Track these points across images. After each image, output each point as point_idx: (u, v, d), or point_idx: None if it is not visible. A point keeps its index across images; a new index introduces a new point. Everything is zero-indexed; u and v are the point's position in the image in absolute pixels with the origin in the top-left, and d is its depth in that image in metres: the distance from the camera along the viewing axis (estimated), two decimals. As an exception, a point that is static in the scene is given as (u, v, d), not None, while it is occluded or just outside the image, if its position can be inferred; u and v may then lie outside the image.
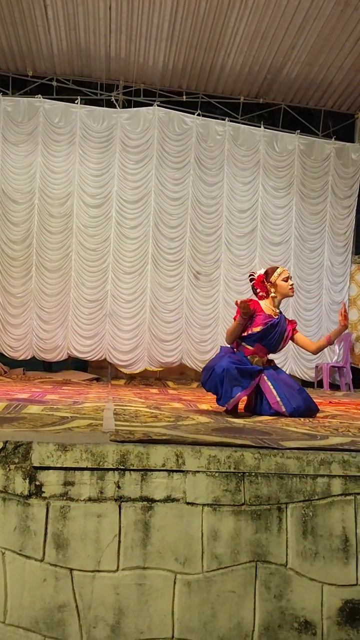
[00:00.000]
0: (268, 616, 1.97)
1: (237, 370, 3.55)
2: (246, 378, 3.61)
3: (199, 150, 8.70)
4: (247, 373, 3.63)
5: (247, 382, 3.60)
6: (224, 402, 3.52)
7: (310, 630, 1.98)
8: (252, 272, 4.18)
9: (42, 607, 1.89)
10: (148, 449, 2.02)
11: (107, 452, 1.99)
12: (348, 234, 9.28)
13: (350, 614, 2.01)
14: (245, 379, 3.59)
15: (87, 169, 8.42)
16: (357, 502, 2.07)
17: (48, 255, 8.31)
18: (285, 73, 8.60)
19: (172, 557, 1.96)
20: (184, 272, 8.67)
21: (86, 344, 8.33)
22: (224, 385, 3.50)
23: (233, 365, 3.56)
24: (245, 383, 3.58)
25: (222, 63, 8.43)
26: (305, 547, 2.02)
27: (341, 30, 7.68)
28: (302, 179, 9.05)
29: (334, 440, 2.41)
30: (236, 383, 3.52)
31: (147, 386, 7.61)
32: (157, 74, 8.70)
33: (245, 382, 3.58)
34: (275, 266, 4.12)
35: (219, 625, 1.94)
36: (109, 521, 1.95)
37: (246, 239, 8.89)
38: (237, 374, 3.54)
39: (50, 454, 1.97)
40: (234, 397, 3.51)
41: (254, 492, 2.03)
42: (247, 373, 3.63)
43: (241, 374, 3.57)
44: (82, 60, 8.47)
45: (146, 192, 8.55)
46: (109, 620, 1.90)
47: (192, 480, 2.01)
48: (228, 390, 3.50)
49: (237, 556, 1.98)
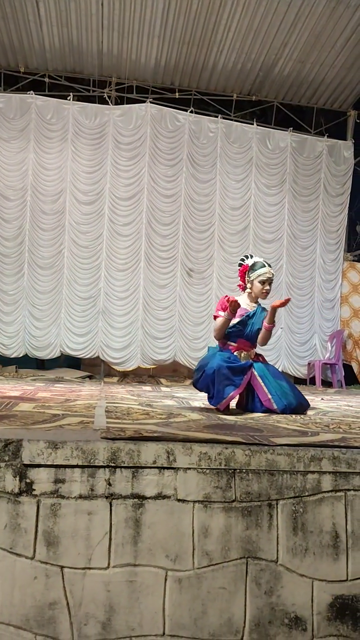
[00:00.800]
0: (258, 612, 1.98)
1: (228, 368, 3.56)
2: (238, 375, 3.61)
3: (191, 147, 8.69)
4: (238, 370, 3.63)
5: (239, 379, 3.61)
6: (217, 402, 3.53)
7: (300, 626, 1.99)
8: (246, 256, 4.15)
9: (33, 604, 1.89)
10: (139, 446, 2.02)
11: (98, 449, 1.99)
12: (340, 231, 9.31)
13: (340, 610, 2.02)
14: (237, 376, 3.60)
15: (80, 166, 8.40)
16: (347, 499, 2.08)
17: (40, 252, 8.28)
18: (278, 70, 8.60)
19: (163, 554, 1.96)
20: (177, 269, 8.67)
21: (79, 341, 8.31)
22: (215, 385, 3.51)
23: (224, 364, 3.57)
24: (237, 380, 3.59)
25: (215, 60, 8.43)
26: (296, 543, 2.03)
27: (333, 28, 7.70)
28: (295, 177, 9.07)
29: (324, 437, 2.42)
30: (228, 382, 3.53)
31: (140, 384, 7.60)
32: (149, 70, 8.68)
33: (237, 379, 3.59)
34: (264, 263, 4.01)
35: (209, 622, 1.95)
36: (99, 518, 1.95)
37: (239, 237, 8.89)
38: (229, 372, 3.55)
39: (40, 451, 1.97)
40: (227, 397, 3.51)
41: (245, 489, 2.04)
42: (239, 370, 3.64)
43: (232, 371, 3.58)
44: (74, 56, 8.44)
45: (139, 189, 8.53)
46: (99, 618, 1.90)
47: (183, 477, 2.01)
48: (220, 390, 3.51)
49: (227, 553, 1.99)
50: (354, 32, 7.76)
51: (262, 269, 3.95)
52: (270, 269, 3.98)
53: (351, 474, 2.10)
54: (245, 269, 4.00)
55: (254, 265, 3.98)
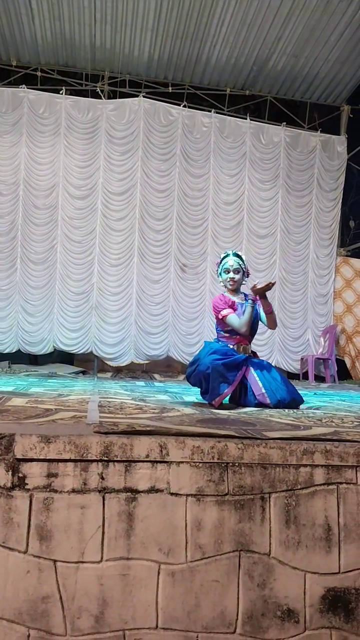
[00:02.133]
0: (251, 605, 1.98)
1: (223, 365, 3.56)
2: (232, 371, 3.61)
3: (185, 142, 8.67)
4: (233, 366, 3.64)
5: (234, 375, 3.61)
6: (211, 398, 3.53)
7: (293, 618, 2.00)
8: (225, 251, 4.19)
9: (26, 598, 1.89)
10: (132, 440, 2.02)
11: (91, 443, 1.98)
12: (333, 226, 9.33)
13: (332, 602, 2.03)
14: (232, 372, 3.60)
15: (72, 160, 8.37)
16: (339, 492, 2.09)
17: (33, 247, 8.25)
18: (271, 65, 8.59)
19: (156, 547, 1.96)
20: (171, 264, 8.66)
21: (72, 336, 8.30)
22: (210, 381, 3.51)
23: (219, 361, 3.57)
24: (232, 377, 3.59)
25: (208, 54, 8.40)
26: (288, 536, 2.04)
27: (327, 22, 7.69)
28: (288, 172, 9.07)
29: (317, 431, 2.42)
30: (222, 379, 3.53)
31: (134, 379, 7.61)
32: (142, 64, 8.64)
33: (231, 375, 3.59)
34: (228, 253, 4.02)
35: (202, 615, 1.95)
36: (92, 512, 1.95)
37: (232, 232, 8.89)
38: (224, 369, 3.55)
39: (33, 445, 1.96)
40: (221, 394, 3.52)
41: (238, 482, 2.04)
42: (233, 365, 3.64)
43: (227, 368, 3.58)
44: (67, 50, 8.39)
45: (132, 184, 8.51)
46: (93, 611, 1.90)
47: (176, 471, 2.01)
48: (215, 387, 3.50)
49: (220, 546, 1.99)
50: (347, 26, 7.76)
51: (226, 259, 3.97)
52: (233, 258, 3.95)
53: (343, 467, 2.11)
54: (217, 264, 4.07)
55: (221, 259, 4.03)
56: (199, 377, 3.59)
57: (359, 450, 2.12)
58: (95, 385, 5.44)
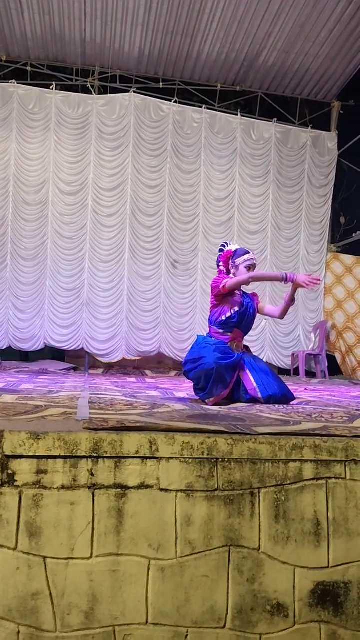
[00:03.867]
0: (241, 599, 1.99)
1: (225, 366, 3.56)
2: (230, 372, 3.62)
3: (175, 137, 8.65)
4: (231, 367, 3.63)
5: (231, 377, 3.63)
6: (206, 397, 3.52)
7: (282, 612, 2.01)
8: (225, 242, 4.13)
9: (16, 595, 1.89)
10: (121, 436, 2.02)
11: (80, 440, 1.98)
12: (324, 222, 9.35)
13: (321, 596, 2.04)
14: (229, 374, 3.61)
15: (63, 156, 8.33)
16: (328, 486, 2.10)
17: (23, 243, 8.21)
18: (262, 61, 8.58)
19: (145, 543, 1.96)
20: (162, 260, 8.65)
21: (63, 333, 8.27)
22: (210, 382, 3.49)
23: (222, 361, 3.56)
24: (230, 378, 3.61)
25: (199, 50, 8.38)
26: (278, 531, 2.05)
27: (317, 18, 7.69)
28: (279, 168, 9.08)
29: (306, 426, 2.43)
30: (221, 382, 3.54)
31: (125, 375, 7.60)
32: (133, 60, 8.61)
33: (229, 376, 3.61)
34: (247, 250, 4.01)
35: (192, 610, 1.96)
36: (82, 509, 1.95)
37: (223, 228, 8.89)
38: (225, 370, 3.56)
39: (22, 442, 1.95)
40: (218, 395, 3.52)
41: (227, 478, 2.05)
42: (232, 367, 3.64)
43: (227, 369, 3.58)
44: (57, 45, 8.34)
45: (123, 180, 8.49)
46: (82, 607, 1.90)
47: (166, 467, 2.02)
48: (213, 388, 3.50)
49: (210, 541, 2.00)
50: (337, 22, 7.76)
51: (248, 254, 3.93)
52: (254, 256, 3.98)
53: (332, 462, 2.12)
54: (229, 254, 3.96)
55: (238, 251, 3.96)
56: (200, 375, 3.55)
57: (347, 445, 2.14)
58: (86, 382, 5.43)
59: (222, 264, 4.01)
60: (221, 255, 4.03)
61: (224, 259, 4.00)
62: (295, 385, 5.77)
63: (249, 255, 3.95)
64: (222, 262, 4.01)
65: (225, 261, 3.99)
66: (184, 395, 4.06)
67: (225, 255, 4.00)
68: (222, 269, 4.00)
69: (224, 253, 4.01)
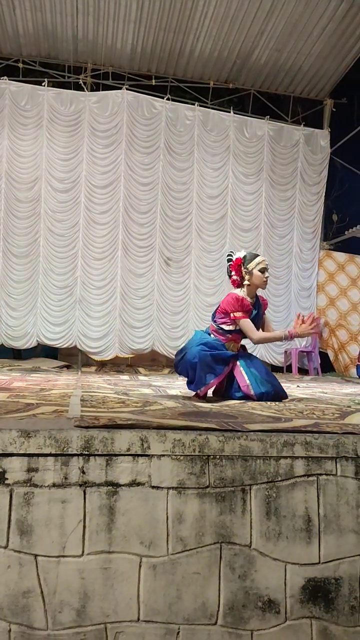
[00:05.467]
0: (232, 596, 2.00)
1: (211, 357, 3.57)
2: (220, 364, 3.63)
3: (168, 135, 8.63)
4: (220, 359, 3.64)
5: (221, 369, 3.63)
6: (197, 387, 3.55)
7: (274, 609, 2.02)
8: (232, 251, 4.05)
9: (7, 593, 1.88)
10: (113, 434, 2.01)
11: (71, 437, 1.98)
12: (317, 220, 9.37)
13: (312, 592, 2.05)
14: (219, 365, 3.62)
15: (55, 153, 8.30)
16: (319, 483, 2.11)
17: (15, 240, 8.18)
18: (255, 58, 8.58)
19: (137, 540, 1.96)
20: (155, 258, 8.64)
21: (56, 331, 8.25)
22: (196, 371, 3.52)
23: (207, 352, 3.57)
24: (219, 369, 3.61)
25: (192, 47, 8.36)
26: (269, 527, 2.05)
27: (309, 16, 7.70)
28: (272, 165, 9.08)
29: (297, 423, 2.44)
30: (209, 370, 3.54)
31: (118, 373, 7.59)
32: (125, 56, 8.58)
33: (218, 368, 3.61)
34: (255, 253, 3.95)
35: (184, 607, 1.96)
36: (73, 506, 1.95)
37: (216, 225, 8.89)
38: (212, 361, 3.56)
39: (13, 440, 1.95)
40: (207, 384, 3.53)
41: (219, 475, 2.05)
42: (221, 359, 3.65)
43: (215, 360, 3.59)
44: (49, 41, 8.30)
45: (115, 177, 8.47)
46: (74, 605, 1.90)
47: (157, 464, 2.02)
48: (202, 377, 3.52)
49: (201, 538, 2.00)
50: (330, 20, 7.77)
51: (259, 257, 3.88)
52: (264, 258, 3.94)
53: (323, 458, 2.12)
54: (239, 262, 3.87)
55: (247, 256, 3.88)
56: (186, 366, 3.59)
57: (338, 442, 2.14)
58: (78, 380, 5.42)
59: (234, 273, 3.89)
60: (231, 264, 3.91)
61: (235, 268, 3.89)
62: (288, 383, 5.78)
63: (260, 258, 3.88)
64: (234, 271, 3.89)
65: (237, 269, 3.88)
66: (176, 393, 4.06)
67: (235, 264, 3.88)
68: (235, 277, 3.88)
69: (233, 262, 3.90)
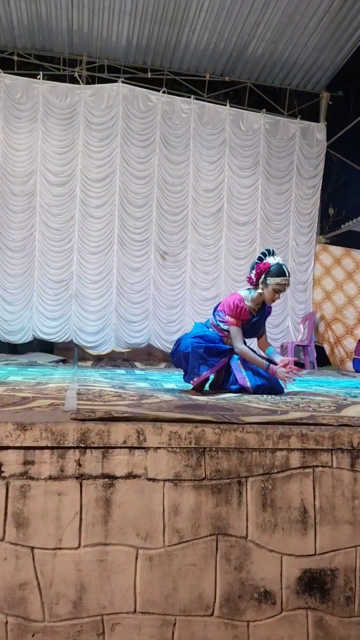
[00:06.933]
0: (228, 587, 2.01)
1: (205, 349, 3.57)
2: (214, 357, 3.63)
3: (164, 128, 8.60)
4: (215, 352, 3.65)
5: (215, 361, 3.64)
6: (189, 378, 3.57)
7: (269, 600, 2.03)
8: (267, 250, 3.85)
9: (3, 585, 1.88)
10: (109, 426, 2.01)
11: (68, 430, 1.98)
12: (313, 214, 9.36)
13: (308, 583, 2.06)
14: (214, 358, 3.63)
15: (50, 147, 8.26)
16: (315, 475, 2.12)
17: (11, 234, 8.15)
18: (251, 51, 8.54)
19: (133, 532, 1.97)
20: (151, 252, 8.62)
21: (52, 325, 8.24)
22: (189, 362, 3.54)
23: (201, 344, 3.57)
24: (213, 361, 3.62)
25: (187, 39, 8.32)
26: (265, 519, 2.06)
27: (305, 8, 7.66)
28: (268, 159, 9.06)
29: (293, 415, 2.44)
30: (202, 362, 3.56)
31: (115, 367, 7.59)
32: (121, 49, 8.53)
33: (213, 360, 3.62)
34: (283, 270, 3.73)
35: (180, 598, 1.97)
36: (70, 499, 1.95)
37: (212, 219, 8.88)
38: (204, 353, 3.56)
39: (9, 433, 1.94)
40: (200, 375, 3.54)
41: (215, 467, 2.05)
42: (216, 352, 3.65)
43: (209, 353, 3.59)
44: (44, 34, 8.24)
45: (111, 171, 8.43)
46: (70, 597, 1.91)
47: (153, 457, 2.02)
48: (195, 367, 3.54)
49: (198, 530, 2.01)
50: (326, 12, 7.73)
51: (282, 278, 3.71)
52: (288, 278, 3.76)
53: (319, 450, 2.13)
54: (266, 268, 3.72)
55: (275, 269, 3.72)
56: (180, 357, 3.62)
57: (334, 434, 2.15)
58: (74, 374, 5.41)
59: (254, 273, 3.78)
60: (258, 264, 3.78)
61: (259, 271, 3.76)
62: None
63: (282, 279, 3.70)
64: (256, 272, 3.77)
65: (258, 273, 3.76)
66: (172, 386, 4.07)
67: (261, 267, 3.75)
68: (252, 277, 3.79)
69: (261, 264, 3.76)
